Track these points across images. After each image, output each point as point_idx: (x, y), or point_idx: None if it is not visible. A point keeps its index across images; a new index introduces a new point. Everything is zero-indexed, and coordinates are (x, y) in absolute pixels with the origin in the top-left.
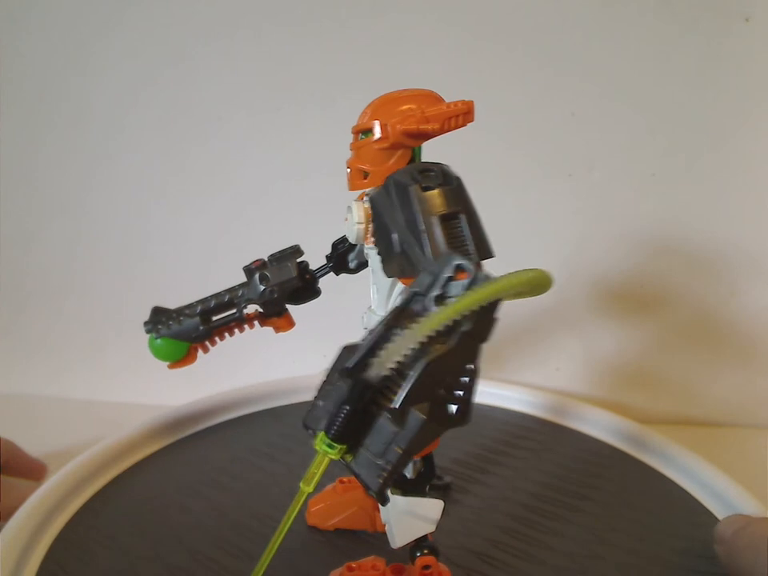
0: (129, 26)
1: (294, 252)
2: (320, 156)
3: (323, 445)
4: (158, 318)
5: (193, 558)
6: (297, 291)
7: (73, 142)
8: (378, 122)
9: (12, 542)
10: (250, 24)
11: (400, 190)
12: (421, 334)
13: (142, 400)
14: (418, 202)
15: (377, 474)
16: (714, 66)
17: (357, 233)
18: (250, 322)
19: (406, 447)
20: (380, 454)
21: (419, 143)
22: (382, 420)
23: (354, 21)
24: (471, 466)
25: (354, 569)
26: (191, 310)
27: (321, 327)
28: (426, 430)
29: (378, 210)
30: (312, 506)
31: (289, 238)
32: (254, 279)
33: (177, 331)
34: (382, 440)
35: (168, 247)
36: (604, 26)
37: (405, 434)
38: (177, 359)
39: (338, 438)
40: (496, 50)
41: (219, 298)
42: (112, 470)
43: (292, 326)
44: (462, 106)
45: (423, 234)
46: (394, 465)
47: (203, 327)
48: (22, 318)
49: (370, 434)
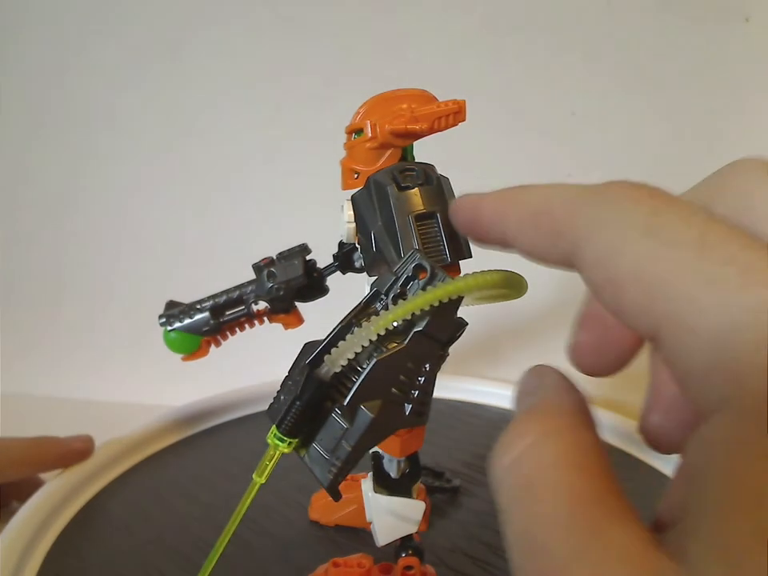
0: (128, 25)
1: (302, 250)
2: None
3: (274, 438)
4: (172, 312)
5: (194, 557)
6: (304, 289)
7: (70, 142)
8: (368, 122)
9: (12, 543)
10: (250, 23)
11: (379, 189)
12: (373, 332)
13: (142, 400)
14: (395, 201)
15: (327, 469)
16: (714, 66)
17: (348, 232)
18: (260, 318)
19: (355, 444)
20: (330, 450)
21: (408, 143)
22: (333, 416)
23: (354, 19)
24: (476, 468)
25: (339, 565)
26: (202, 305)
27: (322, 327)
28: (376, 428)
29: (360, 210)
30: (315, 501)
31: (296, 236)
32: (262, 276)
33: (189, 325)
34: (332, 436)
35: (168, 247)
36: (604, 26)
37: (353, 431)
38: (189, 352)
39: (288, 432)
40: (496, 50)
41: (229, 294)
42: (112, 471)
43: (301, 323)
44: (453, 105)
45: (396, 233)
46: (344, 461)
47: (213, 322)
48: (21, 317)
49: (322, 429)
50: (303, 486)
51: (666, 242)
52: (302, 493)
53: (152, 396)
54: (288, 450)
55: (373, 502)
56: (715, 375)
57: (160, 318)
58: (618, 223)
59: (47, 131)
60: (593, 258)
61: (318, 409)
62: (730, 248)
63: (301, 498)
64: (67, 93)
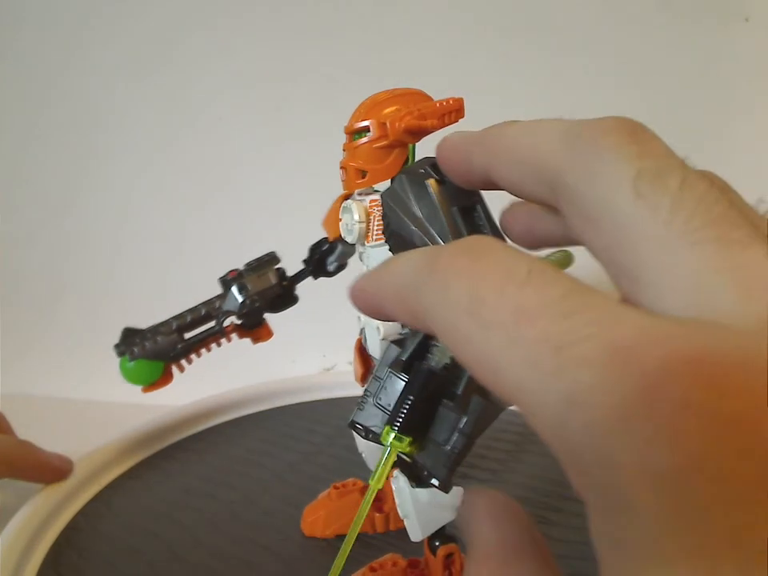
0: (127, 25)
1: (271, 259)
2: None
3: (391, 438)
4: (131, 340)
5: (192, 558)
6: (276, 299)
7: (70, 142)
8: (374, 121)
9: (12, 544)
10: (250, 23)
11: (415, 185)
12: None
13: (142, 400)
14: (437, 195)
15: (443, 462)
16: (714, 66)
17: (358, 232)
18: (228, 336)
19: (470, 432)
20: (445, 442)
21: (418, 140)
22: (443, 408)
23: (356, 17)
24: (470, 464)
25: (376, 569)
26: (166, 328)
27: (320, 328)
28: (488, 414)
29: (392, 207)
30: (308, 517)
31: (296, 236)
32: (232, 290)
33: (152, 351)
34: (444, 428)
35: (168, 247)
36: (604, 26)
37: (469, 420)
38: (152, 381)
39: (403, 429)
40: (495, 49)
41: (195, 313)
42: (112, 471)
43: (271, 336)
44: (454, 103)
45: (445, 226)
46: (460, 450)
47: (181, 345)
48: (21, 317)
49: (433, 423)
50: (288, 497)
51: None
52: (290, 505)
53: (152, 396)
54: (406, 449)
55: (412, 497)
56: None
57: (117, 347)
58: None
59: (47, 131)
60: (572, 184)
61: (429, 403)
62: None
63: (290, 510)
64: (67, 92)
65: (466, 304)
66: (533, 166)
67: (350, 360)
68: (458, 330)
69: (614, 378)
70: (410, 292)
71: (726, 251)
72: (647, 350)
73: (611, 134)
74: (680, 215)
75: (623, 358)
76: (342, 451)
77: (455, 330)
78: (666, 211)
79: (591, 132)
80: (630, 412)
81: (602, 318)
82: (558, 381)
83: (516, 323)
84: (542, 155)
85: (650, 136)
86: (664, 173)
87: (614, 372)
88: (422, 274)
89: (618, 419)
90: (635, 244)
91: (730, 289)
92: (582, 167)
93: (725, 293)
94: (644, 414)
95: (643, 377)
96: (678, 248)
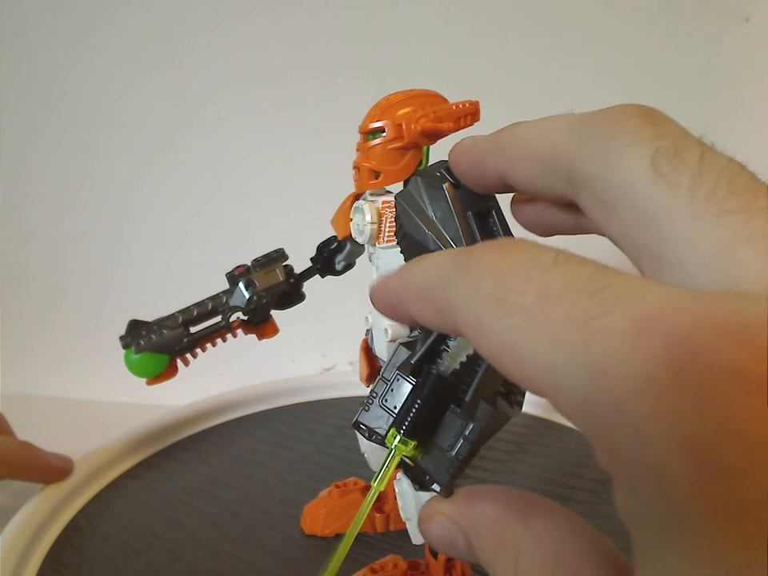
0: (128, 25)
1: (280, 256)
2: (325, 154)
3: (396, 441)
4: (137, 332)
5: (192, 558)
6: (283, 296)
7: (70, 142)
8: (389, 123)
9: (12, 544)
10: (250, 22)
11: (431, 188)
12: None
13: (142, 400)
14: (453, 199)
15: (446, 468)
16: (714, 66)
17: (370, 233)
18: (234, 331)
19: (476, 439)
20: (450, 448)
21: (433, 142)
22: (450, 414)
23: (355, 17)
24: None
25: (376, 570)
26: (173, 321)
27: (320, 328)
28: (496, 421)
29: (406, 209)
30: (308, 515)
31: (296, 236)
32: (239, 286)
33: (158, 344)
34: (450, 434)
35: (167, 246)
36: (604, 25)
37: (475, 426)
38: (157, 374)
39: (409, 433)
40: (495, 49)
41: (201, 307)
42: (112, 471)
43: (277, 332)
44: (470, 106)
45: (459, 230)
46: (464, 457)
47: (188, 339)
48: (21, 317)
49: (439, 428)
50: (288, 497)
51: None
52: (289, 505)
53: (152, 396)
54: (410, 452)
55: (415, 500)
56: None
57: (122, 339)
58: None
59: (47, 131)
60: (588, 172)
61: (436, 408)
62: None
63: (290, 510)
64: (67, 92)
65: (494, 293)
66: (546, 160)
67: (350, 360)
68: (484, 319)
69: (642, 345)
70: (437, 289)
71: (753, 220)
72: (675, 317)
73: (627, 118)
74: (702, 188)
75: (651, 325)
76: (342, 451)
77: (481, 320)
78: (687, 186)
79: (605, 119)
80: (661, 378)
81: (628, 292)
82: (585, 354)
83: (541, 306)
84: (554, 148)
85: (665, 118)
86: (682, 149)
87: (642, 340)
88: (452, 271)
89: (647, 386)
90: (657, 222)
91: (757, 257)
92: (598, 152)
93: (753, 261)
94: (676, 379)
95: (672, 343)
96: (702, 221)
